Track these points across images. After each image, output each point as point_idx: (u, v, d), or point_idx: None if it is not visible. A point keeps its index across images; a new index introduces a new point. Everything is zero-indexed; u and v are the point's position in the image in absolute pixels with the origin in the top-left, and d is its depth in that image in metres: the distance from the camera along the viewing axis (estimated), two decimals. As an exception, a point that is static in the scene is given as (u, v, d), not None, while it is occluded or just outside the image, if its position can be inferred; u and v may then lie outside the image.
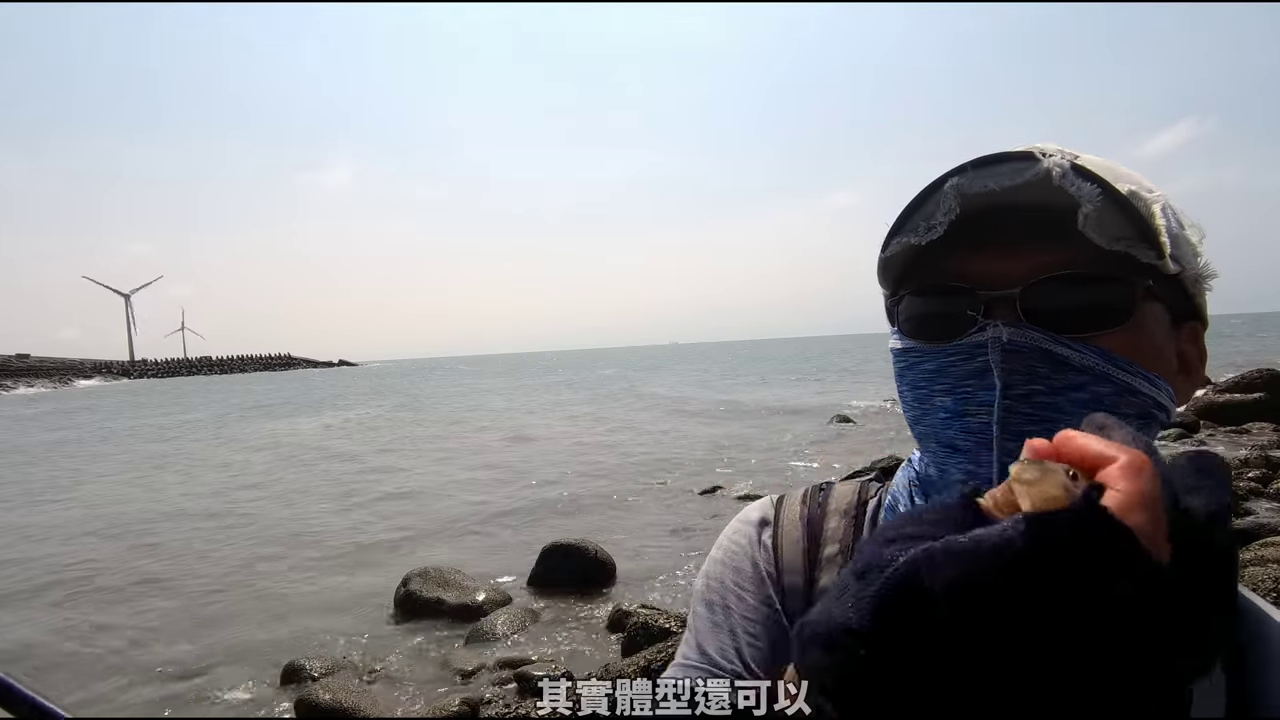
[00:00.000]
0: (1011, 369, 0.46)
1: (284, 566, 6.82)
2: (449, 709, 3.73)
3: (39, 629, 5.42)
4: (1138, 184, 0.48)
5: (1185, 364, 0.51)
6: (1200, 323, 0.52)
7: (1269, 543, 4.66)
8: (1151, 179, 0.50)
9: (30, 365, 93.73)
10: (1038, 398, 0.46)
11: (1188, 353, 0.52)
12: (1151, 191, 0.48)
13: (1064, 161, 0.47)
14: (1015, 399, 0.46)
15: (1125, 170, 0.50)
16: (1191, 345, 0.52)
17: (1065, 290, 0.47)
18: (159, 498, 10.59)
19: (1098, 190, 0.45)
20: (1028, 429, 0.43)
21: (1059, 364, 0.46)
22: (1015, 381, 0.46)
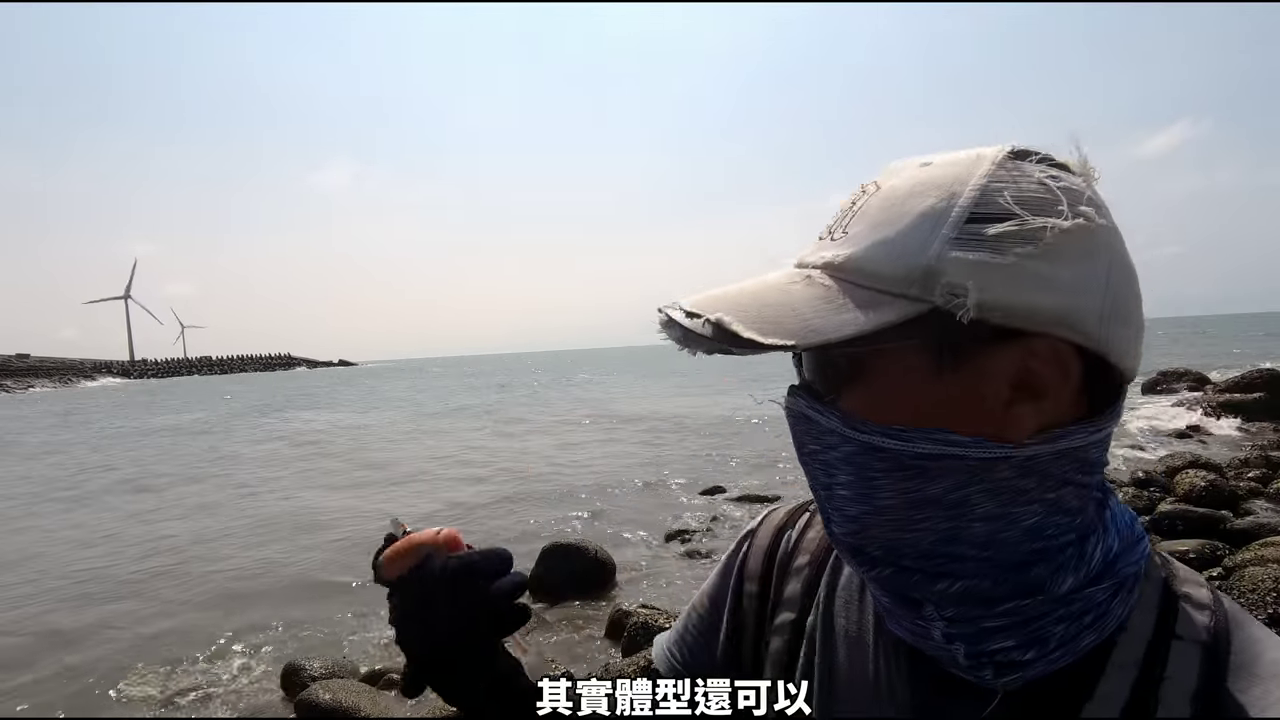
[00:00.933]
0: (796, 431, 0.50)
1: (283, 566, 6.82)
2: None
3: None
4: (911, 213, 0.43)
5: (1031, 389, 0.42)
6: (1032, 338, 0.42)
7: (1269, 543, 4.66)
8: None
9: (30, 365, 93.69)
10: (819, 455, 0.48)
11: (1034, 373, 0.42)
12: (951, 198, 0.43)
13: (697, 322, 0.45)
14: (805, 456, 0.49)
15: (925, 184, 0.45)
16: (1034, 362, 0.42)
17: (812, 357, 0.48)
18: (162, 497, 10.60)
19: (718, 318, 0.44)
20: (823, 480, 0.48)
21: (813, 426, 0.47)
22: (803, 442, 0.49)
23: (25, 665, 4.80)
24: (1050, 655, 0.44)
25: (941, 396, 0.43)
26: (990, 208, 0.42)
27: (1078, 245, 0.42)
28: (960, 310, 0.40)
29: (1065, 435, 0.43)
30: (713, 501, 8.59)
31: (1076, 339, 0.42)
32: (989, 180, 0.43)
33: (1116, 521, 0.47)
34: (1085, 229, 0.42)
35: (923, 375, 0.43)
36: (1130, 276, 0.44)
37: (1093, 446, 0.44)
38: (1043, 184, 0.43)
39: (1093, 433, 0.44)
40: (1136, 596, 0.46)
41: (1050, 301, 0.41)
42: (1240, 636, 0.44)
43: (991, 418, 0.43)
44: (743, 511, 7.81)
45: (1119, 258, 0.44)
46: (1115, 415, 0.45)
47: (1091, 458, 0.45)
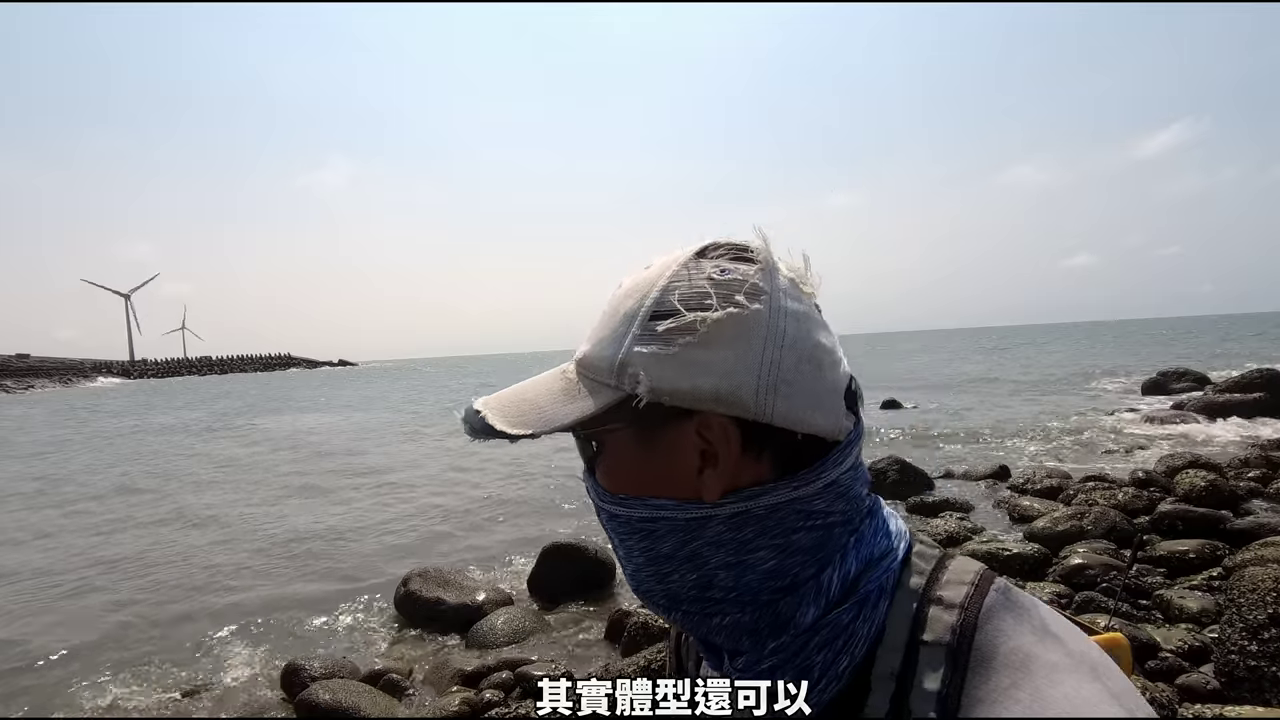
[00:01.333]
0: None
1: (283, 567, 6.82)
2: (449, 709, 3.73)
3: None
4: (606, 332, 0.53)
5: (710, 457, 0.50)
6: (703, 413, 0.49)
7: (1269, 543, 4.66)
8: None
9: (30, 365, 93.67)
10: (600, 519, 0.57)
11: (710, 443, 0.50)
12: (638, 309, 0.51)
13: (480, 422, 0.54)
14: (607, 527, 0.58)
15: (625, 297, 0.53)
16: (707, 435, 0.49)
17: (576, 439, 0.56)
18: (164, 497, 10.60)
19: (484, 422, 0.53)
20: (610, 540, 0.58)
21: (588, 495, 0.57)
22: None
23: (24, 664, 4.81)
24: (819, 684, 0.49)
25: (650, 468, 0.51)
26: (665, 306, 0.50)
27: (730, 332, 0.49)
28: (638, 396, 0.49)
29: (762, 494, 0.50)
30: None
31: (733, 413, 0.48)
32: (670, 281, 0.51)
33: (861, 546, 0.52)
34: (736, 317, 0.49)
35: (634, 451, 0.52)
36: (803, 350, 0.50)
37: (814, 498, 0.50)
38: (710, 278, 0.50)
39: (795, 488, 0.50)
40: (884, 610, 0.50)
41: (708, 383, 0.48)
42: (985, 631, 0.46)
43: (689, 484, 0.50)
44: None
45: (782, 335, 0.49)
46: (821, 472, 0.50)
47: (815, 508, 0.50)
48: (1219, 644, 3.40)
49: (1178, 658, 3.53)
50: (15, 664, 4.83)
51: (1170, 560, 4.94)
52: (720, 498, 0.50)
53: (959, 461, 9.84)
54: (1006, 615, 0.47)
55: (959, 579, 0.50)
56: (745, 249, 0.53)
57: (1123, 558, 4.96)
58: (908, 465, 8.18)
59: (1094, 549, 5.21)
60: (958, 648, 0.46)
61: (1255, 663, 3.16)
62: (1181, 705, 3.10)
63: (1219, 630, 3.48)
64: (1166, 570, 4.85)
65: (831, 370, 0.51)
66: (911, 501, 7.39)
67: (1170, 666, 3.45)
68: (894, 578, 0.51)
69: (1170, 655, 3.54)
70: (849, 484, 0.52)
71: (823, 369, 0.50)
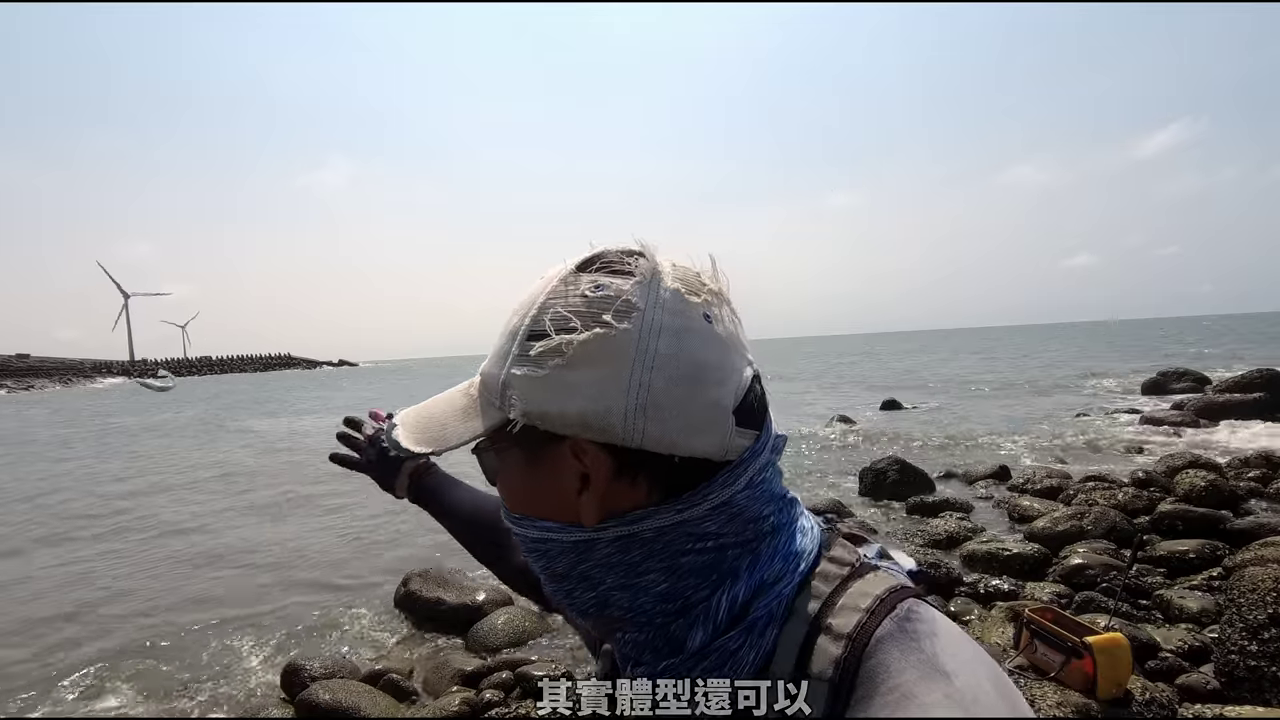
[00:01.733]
0: None
1: (282, 567, 6.82)
2: (449, 709, 3.73)
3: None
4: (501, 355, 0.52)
5: (585, 480, 0.49)
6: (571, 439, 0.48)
7: (1269, 543, 4.66)
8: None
9: (30, 365, 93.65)
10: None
11: (585, 468, 0.49)
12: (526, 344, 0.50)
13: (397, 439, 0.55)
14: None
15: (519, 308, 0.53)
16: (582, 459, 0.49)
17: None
18: (166, 495, 10.60)
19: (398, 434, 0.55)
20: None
21: None
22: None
23: (24, 664, 4.80)
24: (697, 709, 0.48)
25: (537, 489, 0.52)
26: (539, 326, 0.49)
27: (596, 354, 0.47)
28: (514, 419, 0.49)
29: (643, 518, 0.48)
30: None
31: (602, 439, 0.47)
32: (546, 298, 0.50)
33: (755, 569, 0.49)
34: (601, 338, 0.47)
35: (522, 471, 0.52)
36: (677, 370, 0.47)
37: (702, 520, 0.48)
38: (584, 296, 0.49)
39: (678, 511, 0.48)
40: (771, 638, 0.47)
41: (574, 407, 0.47)
42: (868, 666, 0.43)
43: (571, 506, 0.50)
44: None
45: (653, 356, 0.47)
46: (707, 494, 0.48)
47: (705, 529, 0.49)
48: (1219, 644, 3.40)
49: (1178, 658, 3.53)
50: (15, 664, 4.83)
51: (1170, 560, 4.94)
52: (599, 522, 0.49)
53: (959, 462, 9.84)
54: (894, 648, 0.44)
55: (855, 604, 0.47)
56: (630, 259, 0.50)
57: (1123, 558, 4.96)
58: (907, 465, 8.18)
59: (1094, 549, 5.21)
60: (839, 682, 0.44)
61: (1255, 663, 3.16)
62: (1181, 705, 3.11)
63: (1219, 630, 3.48)
64: (1166, 570, 4.85)
65: (716, 388, 0.48)
66: (911, 502, 7.39)
67: (1170, 666, 3.45)
68: (785, 603, 0.48)
69: (1170, 655, 3.54)
70: (745, 504, 0.49)
71: (702, 388, 0.47)
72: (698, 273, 0.52)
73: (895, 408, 17.33)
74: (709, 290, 0.51)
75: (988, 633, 3.94)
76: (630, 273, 0.49)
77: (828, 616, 0.47)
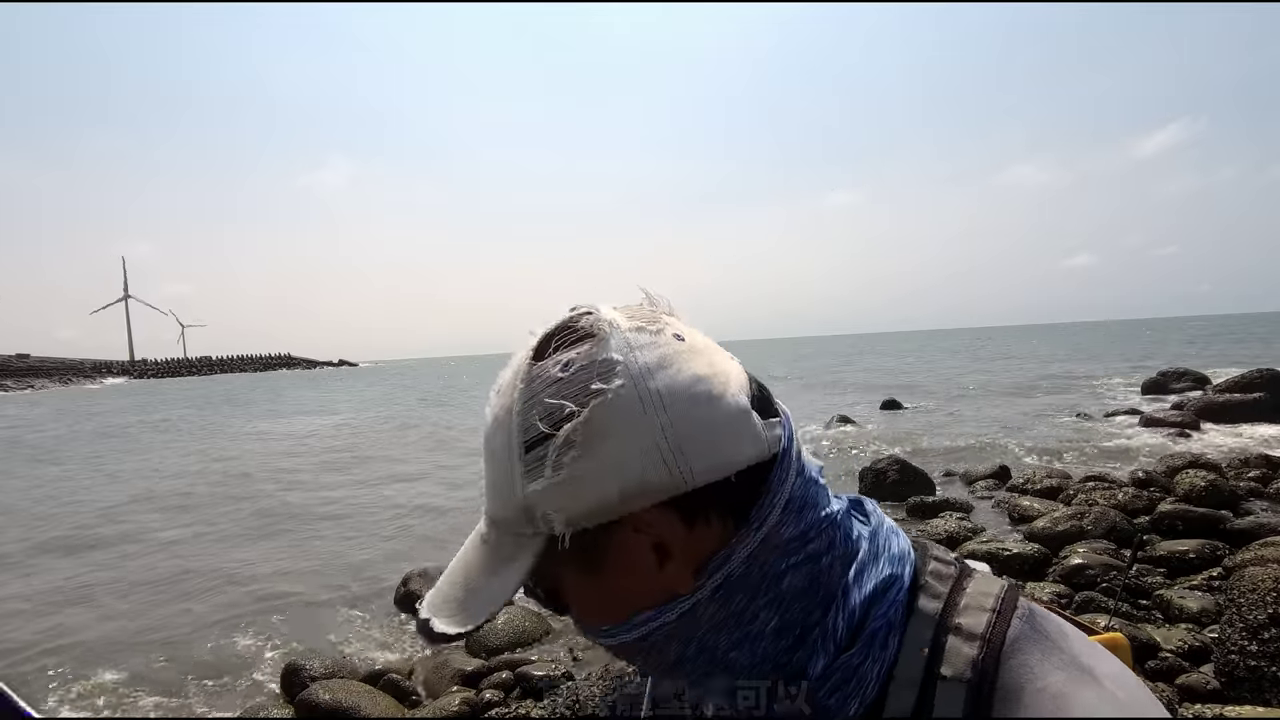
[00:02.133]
0: None
1: (282, 567, 6.82)
2: (449, 709, 3.73)
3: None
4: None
5: (659, 551, 0.46)
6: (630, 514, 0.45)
7: (1269, 543, 4.66)
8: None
9: (30, 365, 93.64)
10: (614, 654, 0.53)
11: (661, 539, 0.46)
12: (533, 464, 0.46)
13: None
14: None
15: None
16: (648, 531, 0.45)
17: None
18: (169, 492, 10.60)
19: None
20: None
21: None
22: None
23: (24, 664, 4.80)
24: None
25: (614, 589, 0.47)
26: (532, 432, 0.45)
27: (605, 425, 0.44)
28: (560, 533, 0.45)
29: (731, 553, 0.46)
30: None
31: (656, 499, 0.44)
32: (524, 403, 0.46)
33: (863, 580, 0.47)
34: (604, 405, 0.44)
35: (588, 582, 0.48)
36: (685, 395, 0.45)
37: (780, 528, 0.46)
38: (559, 380, 0.45)
39: (757, 528, 0.46)
40: (895, 646, 0.45)
41: (614, 487, 0.44)
42: (1009, 666, 0.43)
43: (659, 584, 0.46)
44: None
45: (657, 396, 0.44)
46: (774, 499, 0.46)
47: (787, 536, 0.46)
48: (1219, 644, 3.40)
49: (1178, 658, 3.53)
50: (15, 664, 4.83)
51: (1170, 560, 4.94)
52: (695, 581, 0.46)
53: (959, 462, 9.84)
54: (1034, 649, 0.43)
55: (979, 604, 0.46)
56: (573, 325, 0.48)
57: (1123, 558, 4.96)
58: (908, 465, 8.18)
59: (1094, 549, 5.21)
60: (979, 684, 0.42)
61: (1255, 663, 3.16)
62: (1181, 705, 3.10)
63: (1219, 630, 3.48)
64: (1166, 570, 4.85)
65: (725, 395, 0.46)
66: (911, 502, 7.39)
67: (1170, 666, 3.45)
68: (902, 608, 0.47)
69: (1170, 655, 3.54)
70: (804, 492, 0.48)
71: (716, 398, 0.45)
72: (640, 304, 0.51)
73: (895, 408, 17.33)
74: (663, 314, 0.50)
75: (988, 633, 3.93)
76: (589, 334, 0.47)
77: (954, 617, 0.46)
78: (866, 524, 0.51)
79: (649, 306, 0.51)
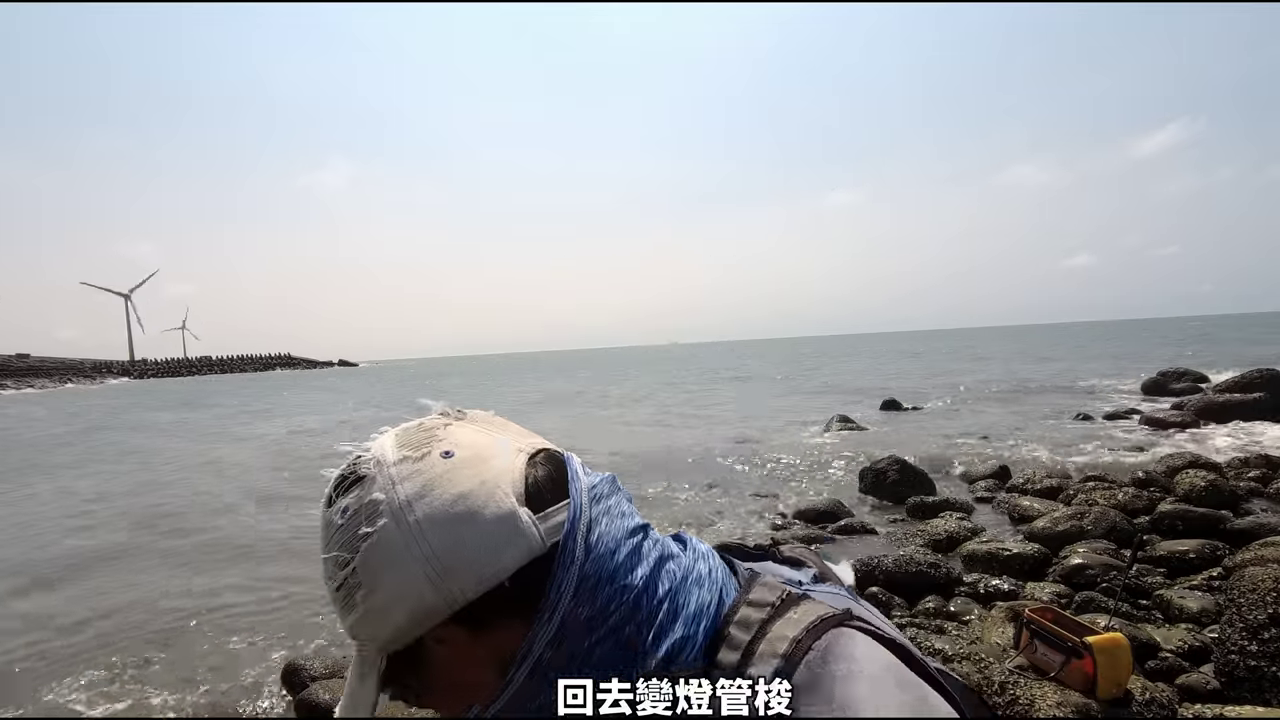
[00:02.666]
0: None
1: (281, 566, 6.82)
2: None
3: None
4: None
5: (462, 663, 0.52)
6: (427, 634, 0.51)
7: (1269, 542, 4.66)
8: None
9: (30, 365, 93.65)
10: None
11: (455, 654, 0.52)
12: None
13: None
14: None
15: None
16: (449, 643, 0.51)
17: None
18: (167, 493, 10.60)
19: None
20: None
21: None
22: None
23: (24, 664, 4.80)
24: None
25: (450, 692, 0.53)
26: (336, 578, 0.52)
27: (376, 563, 0.49)
28: (377, 657, 0.52)
29: (531, 643, 0.49)
30: (716, 497, 8.60)
31: (440, 618, 0.49)
32: (324, 550, 0.53)
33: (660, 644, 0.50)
34: (371, 548, 0.49)
35: (427, 689, 0.54)
36: (444, 518, 0.48)
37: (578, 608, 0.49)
38: (340, 528, 0.51)
39: (549, 617, 0.49)
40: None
41: (401, 617, 0.49)
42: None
43: (485, 691, 0.51)
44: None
45: (417, 527, 0.48)
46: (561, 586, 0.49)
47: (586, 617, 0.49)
48: (1219, 644, 3.40)
49: (1178, 658, 3.53)
50: (15, 664, 4.83)
51: (1170, 560, 4.94)
52: (504, 677, 0.50)
53: (959, 462, 9.84)
54: (804, 696, 0.45)
55: (773, 650, 0.48)
56: (353, 469, 0.53)
57: (1123, 558, 4.96)
58: (908, 465, 8.17)
59: (1094, 549, 5.21)
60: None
61: (1255, 663, 3.16)
62: (1181, 705, 3.10)
63: (1219, 630, 3.48)
64: (1166, 570, 4.85)
65: (490, 505, 0.49)
66: (911, 502, 7.38)
67: (1170, 666, 3.45)
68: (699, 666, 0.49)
69: (1170, 655, 3.54)
70: (598, 569, 0.50)
71: (474, 517, 0.49)
72: (419, 423, 0.55)
73: (895, 408, 17.32)
74: (434, 432, 0.53)
75: (988, 633, 3.93)
76: (359, 478, 0.52)
77: (748, 667, 0.47)
78: (675, 572, 0.53)
79: (428, 424, 0.54)
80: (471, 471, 0.50)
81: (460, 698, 0.53)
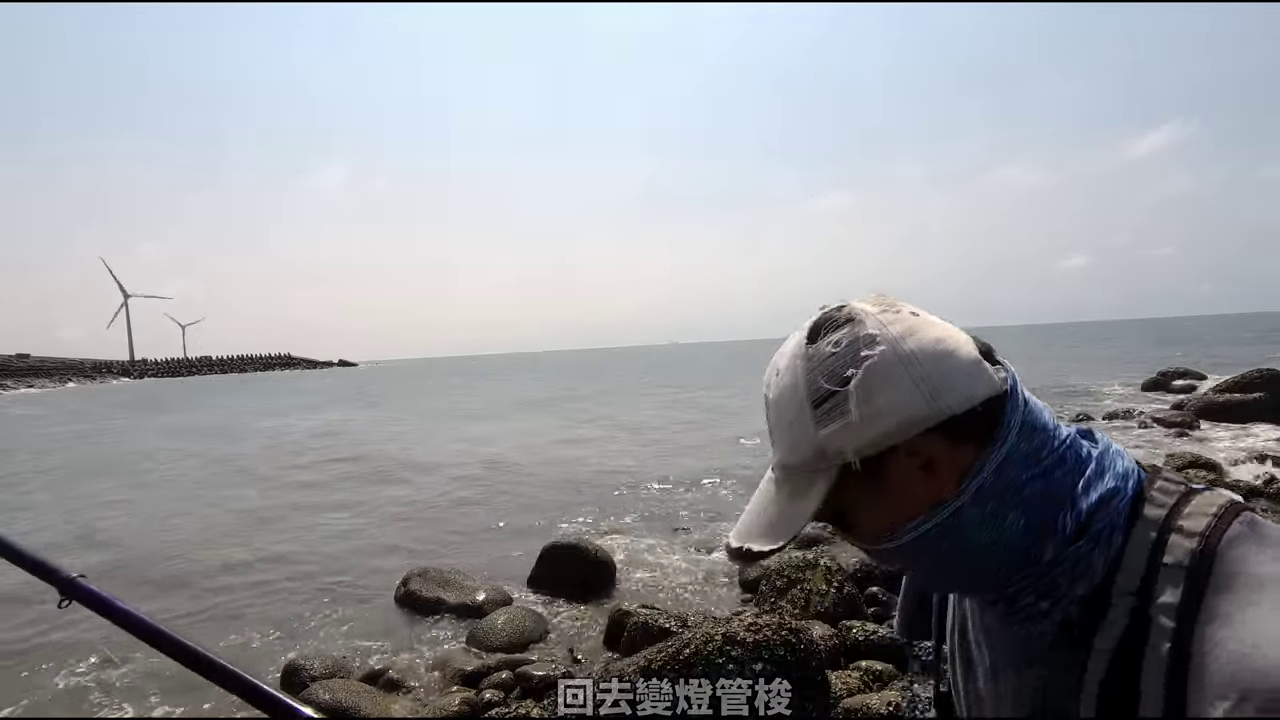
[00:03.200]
0: None
1: (282, 567, 6.82)
2: (449, 709, 3.73)
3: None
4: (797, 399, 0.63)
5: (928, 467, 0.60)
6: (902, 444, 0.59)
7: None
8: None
9: (30, 365, 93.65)
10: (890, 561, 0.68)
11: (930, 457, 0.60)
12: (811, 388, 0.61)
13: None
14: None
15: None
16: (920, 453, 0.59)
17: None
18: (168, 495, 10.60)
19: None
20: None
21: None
22: None
23: (24, 663, 4.81)
24: (1060, 602, 0.58)
25: (894, 502, 0.61)
26: (819, 393, 0.61)
27: (878, 379, 0.59)
28: (851, 463, 0.60)
29: (984, 464, 0.59)
30: (714, 499, 8.60)
31: (921, 427, 0.59)
32: (806, 375, 0.62)
33: (1091, 490, 0.59)
34: (875, 366, 0.59)
35: (876, 499, 0.62)
36: (930, 352, 0.59)
37: (1019, 443, 0.59)
38: (834, 354, 0.61)
39: (1001, 445, 0.59)
40: (1119, 543, 0.57)
41: (890, 422, 0.59)
42: (1229, 556, 0.51)
43: (929, 493, 0.60)
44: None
45: (911, 356, 0.59)
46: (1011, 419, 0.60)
47: (1025, 451, 0.60)
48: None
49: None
50: (15, 664, 4.83)
51: (1170, 560, 4.94)
52: (957, 488, 0.59)
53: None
54: (1249, 545, 0.51)
55: (1202, 511, 0.55)
56: (835, 316, 0.63)
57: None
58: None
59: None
60: (1196, 569, 0.51)
61: (1254, 663, 3.15)
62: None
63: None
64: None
65: (960, 348, 0.60)
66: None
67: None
68: (1125, 514, 0.58)
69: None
70: (1033, 419, 0.61)
71: (954, 354, 0.60)
72: (879, 295, 0.66)
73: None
74: (896, 302, 0.64)
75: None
76: (848, 320, 0.62)
77: (1177, 519, 0.55)
78: (1095, 447, 0.62)
79: (887, 297, 0.65)
80: (940, 327, 0.62)
81: (899, 514, 0.61)
